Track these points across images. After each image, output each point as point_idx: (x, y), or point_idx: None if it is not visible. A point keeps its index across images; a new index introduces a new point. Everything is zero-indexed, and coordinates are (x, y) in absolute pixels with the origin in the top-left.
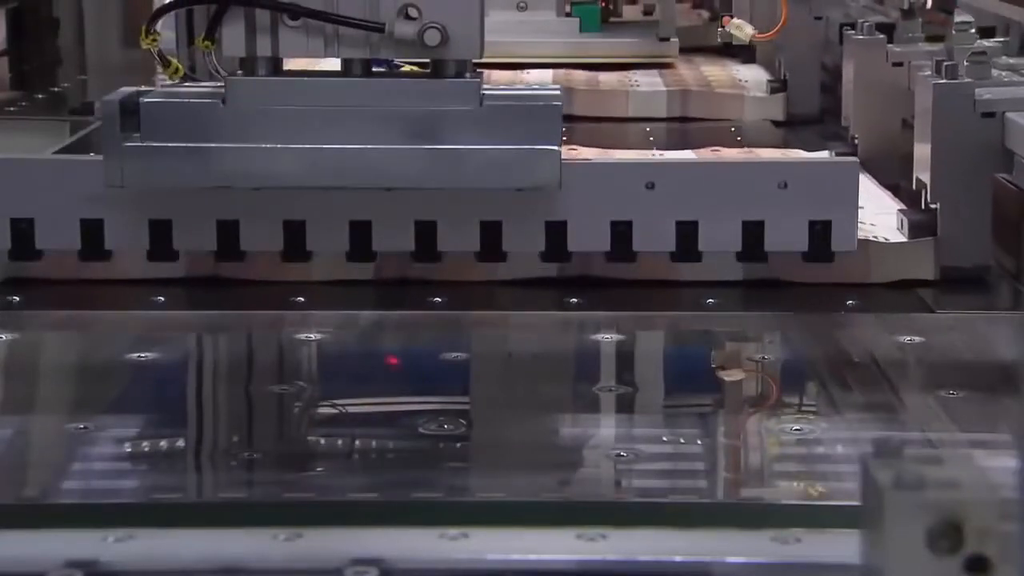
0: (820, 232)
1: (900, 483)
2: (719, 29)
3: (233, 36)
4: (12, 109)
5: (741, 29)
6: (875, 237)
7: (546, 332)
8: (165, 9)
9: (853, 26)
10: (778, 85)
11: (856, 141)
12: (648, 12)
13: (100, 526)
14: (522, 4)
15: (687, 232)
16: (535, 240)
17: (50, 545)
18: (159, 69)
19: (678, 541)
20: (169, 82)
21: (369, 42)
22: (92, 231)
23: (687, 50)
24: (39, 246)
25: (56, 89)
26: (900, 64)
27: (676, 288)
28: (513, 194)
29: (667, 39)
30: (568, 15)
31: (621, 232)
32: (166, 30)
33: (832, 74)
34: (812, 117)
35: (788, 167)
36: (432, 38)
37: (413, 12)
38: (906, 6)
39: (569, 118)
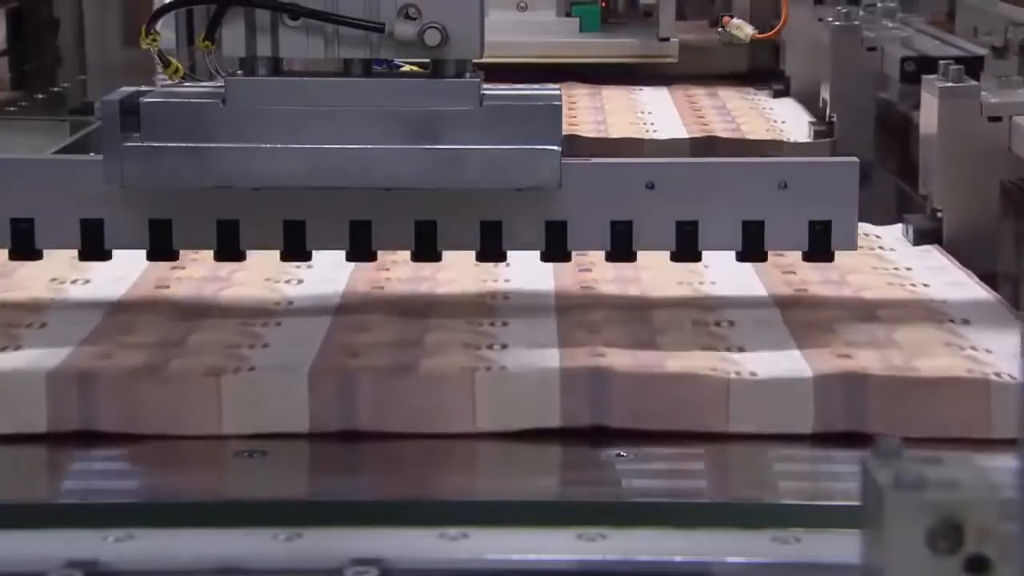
0: (820, 232)
1: (900, 483)
2: (719, 29)
3: (233, 36)
4: (12, 109)
5: (741, 29)
6: (997, 375)
7: None
8: (165, 9)
9: (921, 62)
10: (823, 128)
11: (940, 215)
12: (648, 13)
13: (100, 526)
14: (522, 4)
15: (687, 232)
16: (535, 240)
17: (50, 545)
18: (159, 69)
19: (678, 541)
20: (169, 82)
21: (369, 42)
22: (92, 231)
23: (708, 76)
24: (39, 246)
25: (56, 89)
26: (998, 119)
27: (732, 442)
28: (513, 194)
29: (667, 39)
30: (568, 15)
31: (621, 232)
32: (166, 30)
33: (887, 116)
34: (864, 168)
35: (788, 167)
36: (432, 38)
37: (413, 12)
38: (1001, 43)
39: None
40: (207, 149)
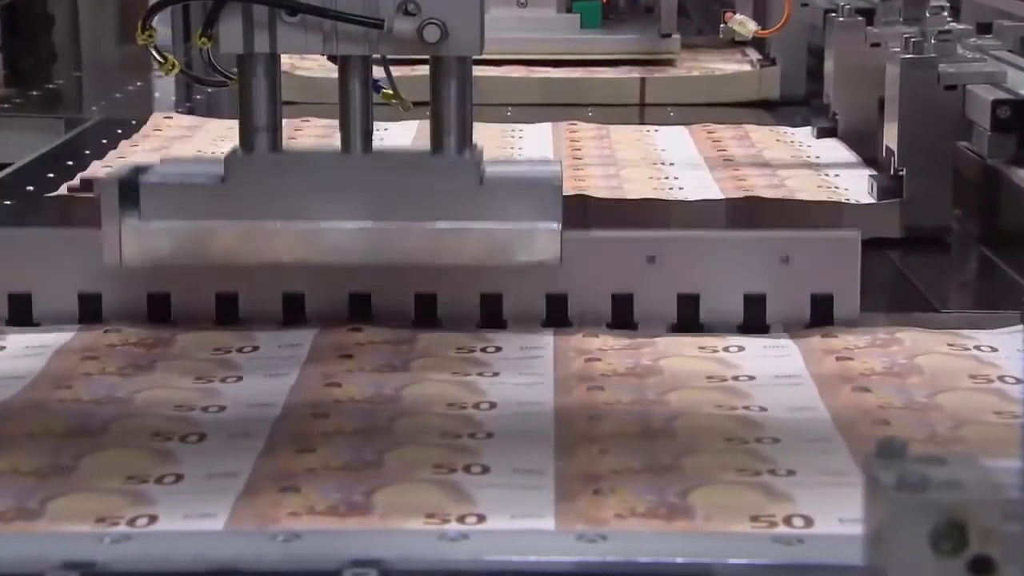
0: (822, 304)
1: (903, 484)
2: (721, 26)
3: (230, 33)
4: (6, 106)
5: (744, 25)
6: None
7: None
8: (161, 5)
9: (1018, 108)
10: (888, 184)
11: None
12: (650, 9)
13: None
14: (522, 0)
15: (688, 304)
16: (536, 310)
17: (47, 546)
18: (155, 66)
19: (679, 542)
20: (169, 160)
21: (368, 39)
22: (90, 305)
23: (734, 105)
24: (36, 319)
25: (51, 86)
26: None
27: None
28: (514, 267)
29: (668, 35)
30: (569, 11)
31: (622, 304)
32: (163, 27)
33: (971, 171)
34: (940, 234)
35: (790, 241)
36: (432, 34)
37: (412, 8)
38: None
39: None
40: (207, 227)
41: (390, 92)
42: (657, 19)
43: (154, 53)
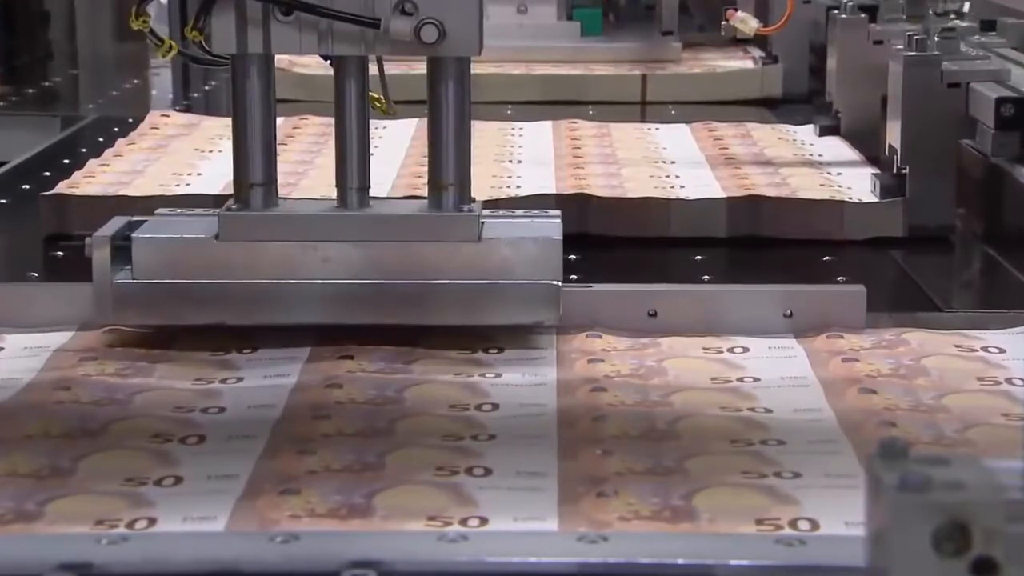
0: None
1: (905, 484)
2: (722, 23)
3: (223, 32)
4: (2, 104)
5: (746, 23)
6: None
7: None
8: None
9: (1022, 105)
10: (891, 183)
11: None
12: (651, 7)
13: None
14: (522, 7)
15: None
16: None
17: (44, 547)
18: (152, 48)
19: (681, 543)
20: (164, 212)
21: (364, 39)
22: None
23: (736, 102)
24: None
25: (47, 84)
26: None
27: None
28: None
29: (670, 32)
30: (569, 18)
31: None
32: (160, 24)
33: (974, 169)
34: (944, 233)
35: (794, 295)
36: (429, 34)
37: (410, 7)
38: None
39: (584, 238)
40: (199, 285)
41: (374, 94)
42: (658, 19)
43: (150, 36)
